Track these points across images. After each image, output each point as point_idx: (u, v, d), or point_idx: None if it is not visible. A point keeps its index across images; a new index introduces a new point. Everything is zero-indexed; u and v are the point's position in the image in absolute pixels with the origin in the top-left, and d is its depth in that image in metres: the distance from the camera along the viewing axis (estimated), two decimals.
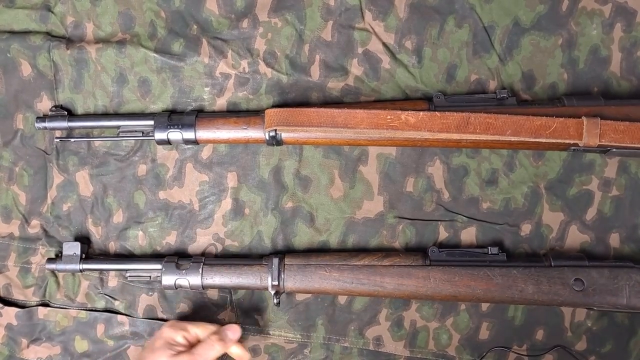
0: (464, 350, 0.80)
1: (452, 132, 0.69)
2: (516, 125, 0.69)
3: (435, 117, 0.69)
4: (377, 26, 0.77)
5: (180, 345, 0.71)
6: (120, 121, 0.77)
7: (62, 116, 0.77)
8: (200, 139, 0.75)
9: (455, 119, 0.69)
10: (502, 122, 0.69)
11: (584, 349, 0.79)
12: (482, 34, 0.76)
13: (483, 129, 0.69)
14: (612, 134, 0.69)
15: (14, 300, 0.84)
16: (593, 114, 0.70)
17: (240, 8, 0.78)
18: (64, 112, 0.78)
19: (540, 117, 0.69)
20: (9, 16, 0.80)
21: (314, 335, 0.81)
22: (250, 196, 0.80)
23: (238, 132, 0.74)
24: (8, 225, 0.83)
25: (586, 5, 0.75)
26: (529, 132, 0.69)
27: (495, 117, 0.69)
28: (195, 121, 0.74)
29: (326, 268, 0.74)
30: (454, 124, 0.69)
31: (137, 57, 0.79)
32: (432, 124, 0.69)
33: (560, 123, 0.69)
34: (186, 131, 0.74)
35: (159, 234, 0.82)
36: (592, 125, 0.68)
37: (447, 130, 0.69)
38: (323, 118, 0.70)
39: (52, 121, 0.77)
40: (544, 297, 0.72)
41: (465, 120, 0.69)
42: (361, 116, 0.70)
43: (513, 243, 0.79)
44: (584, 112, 0.70)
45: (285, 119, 0.71)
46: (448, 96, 0.74)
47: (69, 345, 0.83)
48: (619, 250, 0.78)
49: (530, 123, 0.69)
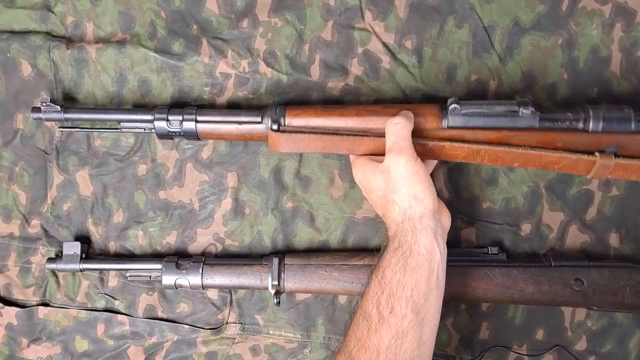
0: (464, 350, 0.80)
1: (459, 159, 0.68)
2: (526, 159, 0.66)
3: (444, 148, 0.67)
4: (377, 26, 0.77)
5: None
6: (120, 115, 0.74)
7: (57, 111, 0.73)
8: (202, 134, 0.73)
9: (464, 150, 0.66)
10: (512, 156, 0.66)
11: (584, 349, 0.79)
12: (482, 34, 0.76)
13: (491, 159, 0.67)
14: (622, 172, 0.66)
15: (14, 300, 0.84)
16: (614, 143, 0.65)
17: (240, 8, 0.78)
18: (57, 107, 0.73)
19: (553, 153, 0.65)
20: (9, 16, 0.80)
21: (314, 335, 0.81)
22: (250, 196, 0.80)
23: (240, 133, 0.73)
24: (8, 225, 0.83)
25: (586, 5, 0.75)
26: (538, 165, 0.67)
27: (505, 152, 0.66)
28: (196, 128, 0.72)
29: (326, 268, 0.74)
30: (463, 154, 0.67)
31: (137, 57, 0.79)
32: (440, 153, 0.67)
33: (572, 161, 0.65)
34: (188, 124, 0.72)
35: (159, 234, 0.82)
36: (603, 166, 0.65)
37: (453, 159, 0.68)
38: (327, 144, 0.69)
39: (47, 113, 0.73)
40: (544, 297, 0.72)
41: (474, 152, 0.66)
42: (367, 145, 0.68)
43: (513, 243, 0.79)
44: (605, 142, 0.65)
45: (289, 145, 0.69)
46: (464, 103, 0.66)
47: (69, 345, 0.83)
48: (619, 250, 0.78)
49: (541, 159, 0.66)
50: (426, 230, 0.62)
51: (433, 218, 0.63)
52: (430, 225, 0.62)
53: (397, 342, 0.59)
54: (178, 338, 0.82)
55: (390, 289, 0.61)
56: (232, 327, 0.82)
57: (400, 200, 0.63)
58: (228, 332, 0.82)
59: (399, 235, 0.62)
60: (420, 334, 0.60)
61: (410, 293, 0.60)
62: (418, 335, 0.59)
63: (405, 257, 0.61)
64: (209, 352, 0.82)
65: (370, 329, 0.60)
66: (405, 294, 0.60)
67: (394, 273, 0.61)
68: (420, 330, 0.60)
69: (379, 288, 0.61)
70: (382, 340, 0.59)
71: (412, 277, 0.60)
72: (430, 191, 0.63)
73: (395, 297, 0.60)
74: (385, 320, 0.60)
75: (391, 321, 0.59)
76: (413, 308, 0.60)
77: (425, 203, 0.62)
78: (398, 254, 0.61)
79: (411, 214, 0.62)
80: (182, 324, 0.82)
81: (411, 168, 0.62)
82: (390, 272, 0.61)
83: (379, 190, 0.65)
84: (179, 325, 0.82)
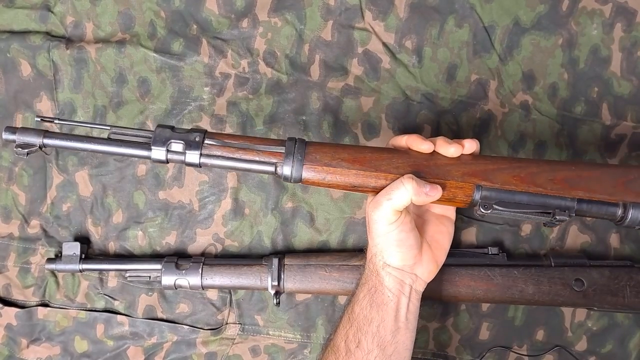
0: (464, 350, 0.80)
1: None
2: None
3: None
4: (377, 26, 0.77)
5: None
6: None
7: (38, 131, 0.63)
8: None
9: None
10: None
11: (584, 349, 0.79)
12: (482, 33, 0.76)
13: None
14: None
15: (13, 300, 0.83)
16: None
17: (240, 8, 0.78)
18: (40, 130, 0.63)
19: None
20: (9, 16, 0.80)
21: (314, 335, 0.81)
22: (250, 196, 0.80)
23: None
24: (7, 226, 0.83)
25: (586, 5, 0.75)
26: None
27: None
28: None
29: (326, 268, 0.74)
30: None
31: (137, 57, 0.79)
32: None
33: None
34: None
35: (159, 234, 0.82)
36: None
37: None
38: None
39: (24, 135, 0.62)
40: (544, 297, 0.72)
41: None
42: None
43: (513, 243, 0.79)
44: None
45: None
46: None
47: (68, 346, 0.83)
48: (619, 250, 0.78)
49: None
50: (389, 276, 0.62)
51: (400, 271, 0.62)
52: (394, 275, 0.62)
53: None
54: (178, 338, 0.82)
55: (357, 324, 0.61)
56: (231, 327, 0.82)
57: (370, 241, 0.62)
58: (228, 332, 0.81)
59: (367, 271, 0.63)
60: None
61: (376, 329, 0.61)
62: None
63: (371, 294, 0.62)
64: (209, 352, 0.82)
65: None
66: (371, 329, 0.61)
67: (361, 308, 0.62)
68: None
69: (347, 322, 0.62)
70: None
71: (378, 314, 0.61)
72: (402, 252, 0.61)
73: (362, 331, 0.61)
74: (352, 354, 0.60)
75: (357, 355, 0.60)
76: (379, 344, 0.60)
77: (391, 260, 0.61)
78: (364, 290, 0.62)
79: (376, 261, 0.62)
80: (181, 324, 0.82)
81: (388, 227, 0.59)
82: (358, 307, 0.62)
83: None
84: (179, 325, 0.82)
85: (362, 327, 0.61)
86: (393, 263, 0.61)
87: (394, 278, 0.62)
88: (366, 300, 0.62)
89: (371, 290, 0.62)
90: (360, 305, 0.62)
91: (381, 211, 0.59)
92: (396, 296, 0.61)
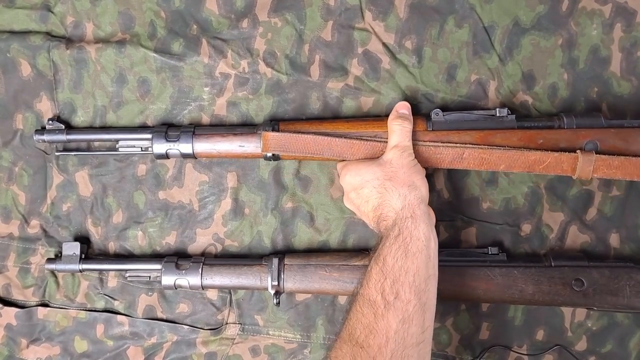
0: (464, 350, 0.80)
1: (445, 165, 0.71)
2: (510, 159, 0.69)
3: (430, 150, 0.70)
4: (377, 26, 0.77)
5: None
6: (119, 134, 0.77)
7: (60, 130, 0.77)
8: (199, 154, 0.75)
9: (450, 153, 0.70)
10: (497, 157, 0.69)
11: (584, 349, 0.79)
12: (482, 34, 0.76)
13: (477, 163, 0.70)
14: (606, 169, 0.69)
15: (13, 300, 0.83)
16: (591, 138, 0.70)
17: (240, 8, 0.78)
18: (62, 126, 0.77)
19: (535, 152, 0.69)
20: (9, 16, 0.80)
21: (314, 335, 0.81)
22: (250, 196, 0.80)
23: (235, 149, 0.74)
24: (7, 225, 0.83)
25: (586, 5, 0.75)
26: (523, 166, 0.70)
27: (490, 152, 0.69)
28: (192, 138, 0.74)
29: (326, 268, 0.74)
30: (448, 158, 0.70)
31: (137, 57, 0.79)
32: (427, 157, 0.71)
33: (554, 158, 0.69)
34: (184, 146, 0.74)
35: (159, 234, 0.82)
36: (586, 162, 0.68)
37: (440, 164, 0.71)
38: (320, 146, 0.71)
39: (50, 134, 0.77)
40: (544, 297, 0.72)
41: (459, 154, 0.70)
42: (358, 147, 0.71)
43: (513, 243, 0.79)
44: (582, 136, 0.70)
45: (282, 145, 0.71)
46: (446, 113, 0.72)
47: (68, 346, 0.83)
48: (619, 250, 0.78)
49: (525, 158, 0.69)
50: (424, 216, 0.65)
51: (427, 207, 0.67)
52: (426, 212, 0.66)
53: (404, 326, 0.60)
54: (177, 338, 0.82)
55: (393, 275, 0.62)
56: (231, 327, 0.82)
57: (400, 186, 0.66)
58: (228, 332, 0.81)
59: (399, 223, 0.64)
60: (424, 319, 0.61)
61: (412, 278, 0.62)
62: (422, 320, 0.61)
63: (406, 244, 0.63)
64: (209, 352, 0.82)
65: (377, 315, 0.61)
66: (408, 279, 0.62)
67: (395, 260, 0.62)
68: (423, 316, 0.61)
69: (381, 275, 0.63)
70: (390, 325, 0.60)
71: (413, 263, 0.62)
72: (425, 183, 0.68)
73: (399, 282, 0.62)
74: (392, 306, 0.61)
75: (397, 306, 0.61)
76: (416, 293, 0.61)
77: (422, 191, 0.67)
78: (399, 241, 0.63)
79: (410, 200, 0.65)
80: (181, 324, 0.82)
81: (412, 161, 0.68)
82: (392, 259, 0.63)
83: (375, 180, 0.67)
84: (179, 325, 0.82)
85: (399, 278, 0.62)
86: (424, 194, 0.67)
87: (427, 218, 0.65)
88: (401, 250, 0.63)
89: (406, 240, 0.63)
90: (394, 257, 0.63)
91: (408, 149, 0.69)
92: (428, 240, 0.64)
